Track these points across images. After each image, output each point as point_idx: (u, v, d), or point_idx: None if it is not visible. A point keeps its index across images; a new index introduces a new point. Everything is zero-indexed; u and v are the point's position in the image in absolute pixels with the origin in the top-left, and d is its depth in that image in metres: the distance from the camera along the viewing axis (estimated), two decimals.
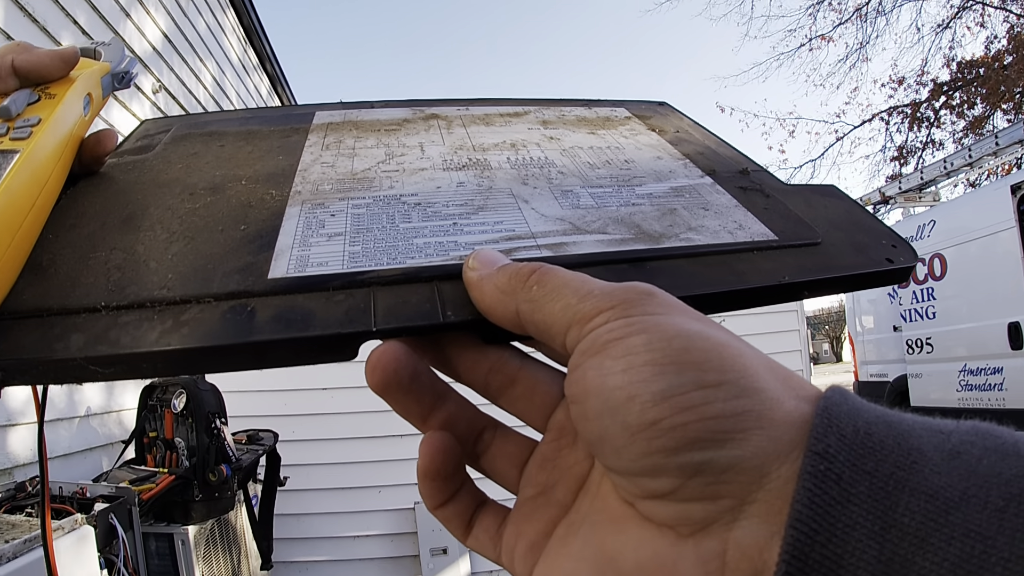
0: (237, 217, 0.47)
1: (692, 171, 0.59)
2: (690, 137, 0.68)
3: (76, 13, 3.18)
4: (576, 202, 0.51)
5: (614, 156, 0.61)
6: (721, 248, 0.46)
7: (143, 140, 0.61)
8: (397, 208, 0.49)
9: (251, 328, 0.36)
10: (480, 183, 0.53)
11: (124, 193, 0.51)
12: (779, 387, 0.26)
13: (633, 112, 0.75)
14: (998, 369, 5.76)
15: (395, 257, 0.42)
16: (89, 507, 2.07)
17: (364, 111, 0.71)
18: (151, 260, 0.42)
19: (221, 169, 0.55)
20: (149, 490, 2.48)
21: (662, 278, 0.43)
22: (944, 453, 0.23)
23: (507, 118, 0.70)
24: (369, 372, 0.34)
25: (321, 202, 0.50)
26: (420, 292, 0.39)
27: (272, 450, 3.32)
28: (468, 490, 0.37)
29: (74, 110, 0.48)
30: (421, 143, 0.62)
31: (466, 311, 0.37)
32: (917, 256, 0.48)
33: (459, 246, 0.43)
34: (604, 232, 0.47)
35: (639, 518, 0.28)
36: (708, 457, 0.25)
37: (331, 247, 0.43)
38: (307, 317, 0.37)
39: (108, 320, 0.37)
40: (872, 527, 0.22)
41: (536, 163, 0.58)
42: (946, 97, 12.73)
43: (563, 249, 0.44)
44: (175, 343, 0.36)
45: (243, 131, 0.64)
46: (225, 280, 0.40)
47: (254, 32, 6.36)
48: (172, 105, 4.33)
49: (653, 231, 0.48)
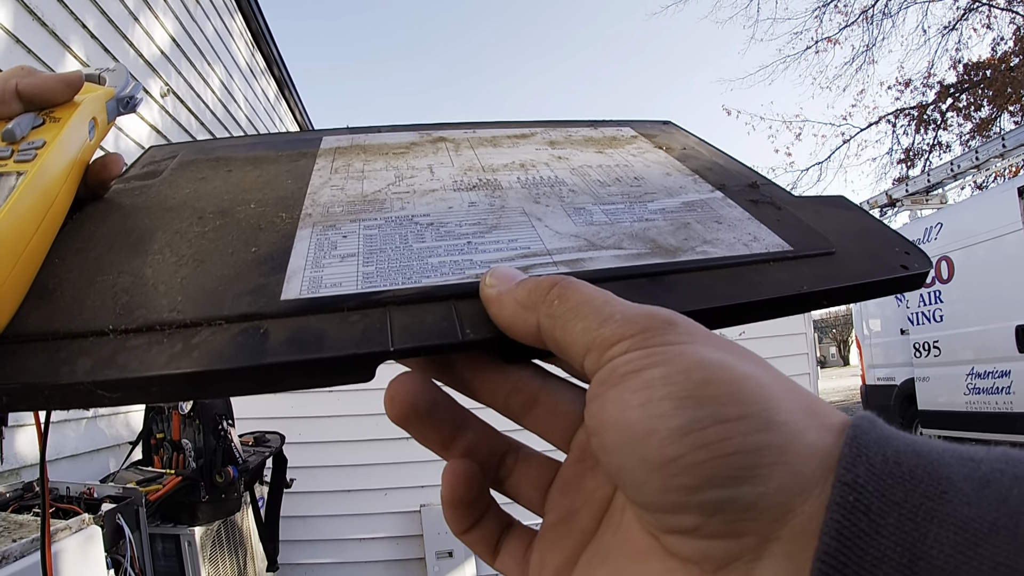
0: (248, 239, 0.46)
1: (702, 186, 0.59)
2: (697, 154, 0.68)
3: (85, 17, 3.20)
4: (589, 219, 0.51)
5: (624, 173, 0.61)
6: (738, 260, 0.46)
7: (149, 166, 0.61)
8: (410, 228, 0.48)
9: (264, 350, 0.36)
10: (492, 202, 0.53)
11: (131, 217, 0.50)
12: (803, 417, 0.26)
13: (639, 131, 0.75)
14: (1006, 372, 5.73)
15: (410, 276, 0.42)
16: (96, 507, 2.08)
17: (371, 135, 0.71)
18: (160, 283, 0.41)
19: (229, 193, 0.54)
20: (156, 491, 2.49)
21: (681, 291, 0.43)
22: (974, 482, 0.23)
23: (514, 139, 0.70)
24: (388, 404, 0.34)
25: (332, 224, 0.49)
26: (437, 311, 0.38)
27: (279, 452, 3.33)
28: (493, 514, 0.37)
29: (79, 134, 0.48)
30: (430, 165, 0.61)
31: (485, 329, 0.37)
32: (930, 262, 0.48)
33: (475, 264, 0.43)
34: (620, 247, 0.47)
35: (663, 552, 0.27)
36: (729, 495, 0.24)
37: (344, 268, 0.43)
38: (321, 338, 0.36)
39: (116, 344, 0.37)
40: (900, 559, 0.22)
41: (547, 182, 0.58)
42: (953, 99, 12.68)
43: (580, 265, 0.44)
44: (186, 366, 0.35)
45: (250, 156, 0.63)
46: (236, 302, 0.39)
47: (262, 36, 6.38)
48: (180, 109, 4.35)
49: (669, 245, 0.47)
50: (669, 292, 0.42)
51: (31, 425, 2.58)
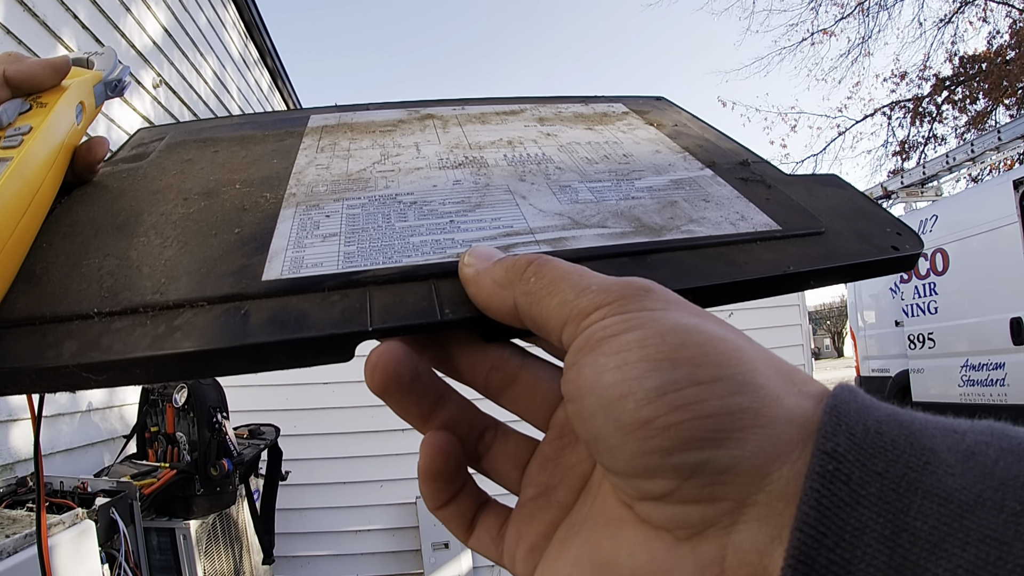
0: (231, 221, 0.47)
1: (692, 164, 0.58)
2: (688, 130, 0.67)
3: (77, 8, 3.17)
4: (575, 197, 0.51)
5: (612, 151, 0.61)
6: (724, 239, 0.46)
7: (137, 148, 0.61)
8: (393, 207, 0.48)
9: (246, 331, 0.36)
10: (477, 180, 0.53)
11: (118, 200, 0.51)
12: (780, 383, 0.25)
13: (631, 107, 0.74)
14: (1000, 364, 5.76)
15: (391, 256, 0.42)
16: (90, 502, 2.07)
17: (359, 113, 0.71)
18: (144, 265, 0.42)
19: (215, 174, 0.54)
20: (150, 485, 2.49)
21: (664, 271, 0.42)
22: (958, 454, 0.22)
23: (503, 116, 0.70)
24: (368, 372, 0.34)
25: (316, 203, 0.49)
26: (417, 291, 0.39)
27: (274, 444, 3.33)
28: (470, 490, 0.36)
29: (66, 119, 0.49)
30: (416, 143, 0.61)
31: (464, 308, 0.37)
32: (922, 243, 0.47)
33: (456, 243, 0.43)
34: (604, 226, 0.46)
35: (636, 521, 0.27)
36: (704, 457, 0.24)
37: (326, 248, 0.43)
38: (302, 318, 0.37)
39: (101, 326, 0.37)
40: (883, 531, 0.21)
41: (533, 159, 0.58)
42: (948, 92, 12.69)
43: (562, 244, 0.44)
44: (168, 348, 0.35)
45: (237, 136, 0.64)
46: (219, 283, 0.39)
47: (255, 27, 6.34)
48: (173, 100, 4.32)
49: (654, 224, 0.47)
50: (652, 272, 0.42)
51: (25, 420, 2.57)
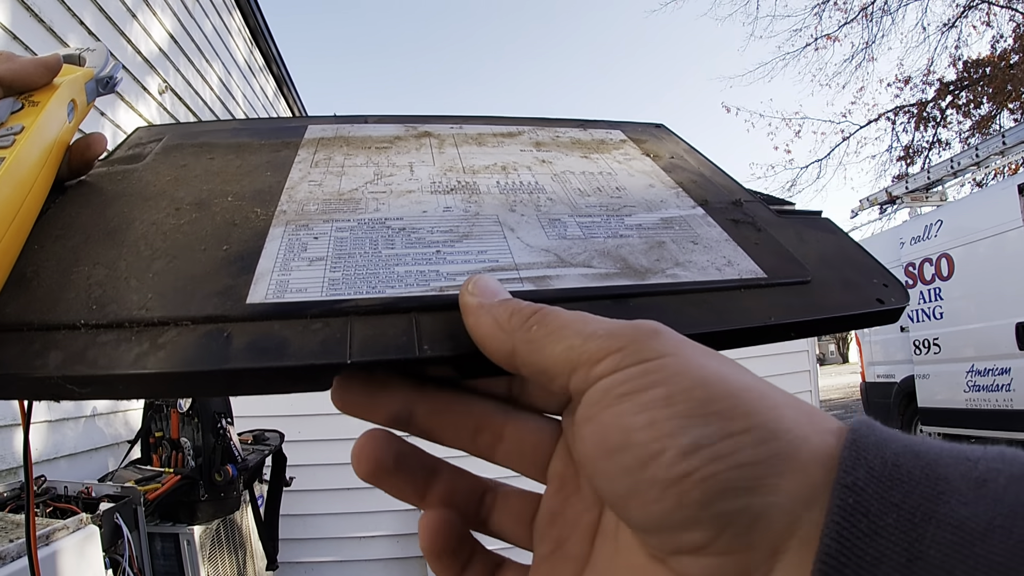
0: (220, 236, 0.47)
1: (684, 201, 0.58)
2: (685, 163, 0.67)
3: (83, 14, 3.19)
4: (563, 232, 0.51)
5: (605, 183, 0.61)
6: (708, 286, 0.45)
7: (135, 149, 0.61)
8: (381, 233, 0.48)
9: (227, 355, 0.36)
10: (467, 208, 0.53)
11: (111, 205, 0.51)
12: (805, 424, 0.26)
13: (629, 135, 0.74)
14: (1006, 370, 5.74)
15: (375, 286, 0.42)
16: (95, 507, 2.07)
17: (356, 126, 0.71)
18: (132, 278, 0.42)
19: (209, 183, 0.54)
20: (155, 490, 2.49)
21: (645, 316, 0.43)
22: (971, 482, 0.23)
23: (500, 138, 0.70)
24: (355, 463, 0.34)
25: (305, 223, 0.49)
26: (398, 323, 0.39)
27: (278, 450, 3.33)
28: (481, 557, 0.36)
29: (58, 117, 0.49)
30: (411, 163, 0.61)
31: (443, 346, 0.37)
32: (908, 296, 0.47)
33: (441, 276, 0.43)
34: (589, 265, 0.46)
35: (669, 574, 0.27)
36: (742, 505, 0.25)
37: (311, 272, 0.43)
38: (282, 346, 0.37)
39: (87, 338, 0.37)
40: (899, 559, 0.22)
41: (525, 188, 0.58)
42: (952, 96, 12.68)
43: (546, 283, 0.44)
44: (150, 367, 0.36)
45: (233, 143, 0.64)
46: (204, 303, 0.40)
47: (260, 34, 6.37)
48: (178, 106, 4.34)
49: (639, 265, 0.47)
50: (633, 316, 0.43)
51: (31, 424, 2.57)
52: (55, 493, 2.13)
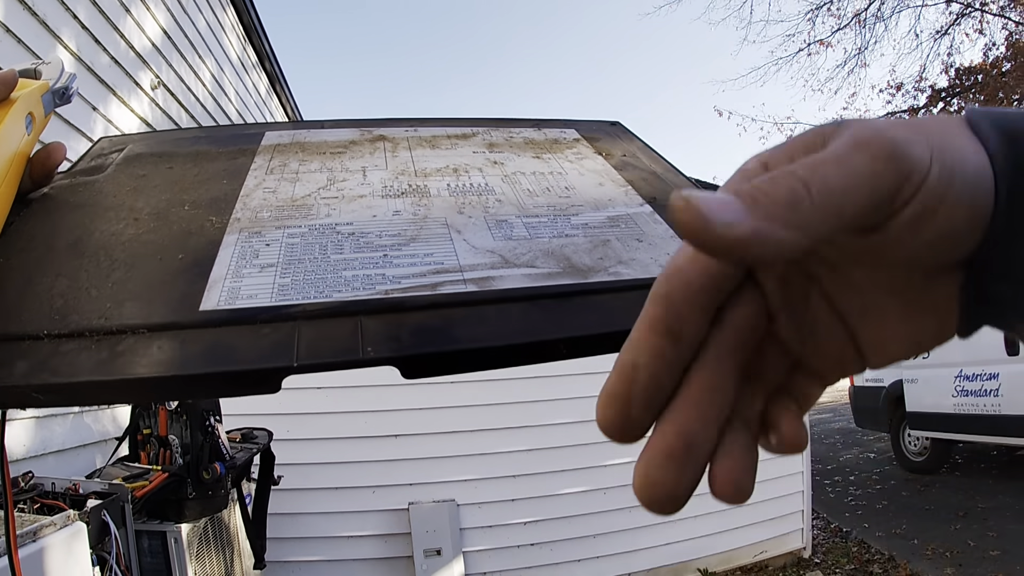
0: (177, 245, 0.48)
1: (632, 199, 0.59)
2: (637, 161, 0.68)
3: (77, 9, 3.17)
4: (509, 233, 0.51)
5: (555, 182, 0.61)
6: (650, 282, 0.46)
7: (97, 160, 0.62)
8: (330, 238, 0.50)
9: (181, 361, 0.38)
10: (416, 212, 0.54)
11: (73, 216, 0.52)
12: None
13: (583, 134, 0.75)
14: (994, 375, 5.77)
15: (322, 290, 0.43)
16: (82, 504, 2.06)
17: (312, 131, 0.72)
18: (92, 288, 0.43)
19: (167, 193, 0.56)
20: (142, 487, 2.47)
21: (586, 314, 0.43)
22: None
23: (454, 140, 0.70)
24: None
25: (258, 230, 0.50)
26: (343, 327, 0.40)
27: (266, 449, 3.31)
28: None
29: (15, 131, 0.50)
30: (364, 167, 0.62)
31: (386, 347, 0.39)
32: None
33: (387, 279, 0.44)
34: (532, 265, 0.47)
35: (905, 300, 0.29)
36: None
37: (262, 279, 0.45)
38: (233, 352, 0.39)
39: (50, 348, 0.39)
40: None
41: (475, 190, 0.59)
42: (944, 103, 12.76)
43: (489, 283, 0.45)
44: (110, 374, 0.37)
45: (192, 152, 0.65)
46: (160, 311, 0.41)
47: (253, 30, 6.34)
48: (171, 102, 4.32)
49: (582, 264, 0.48)
50: (575, 315, 0.43)
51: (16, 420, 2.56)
52: (43, 490, 2.12)
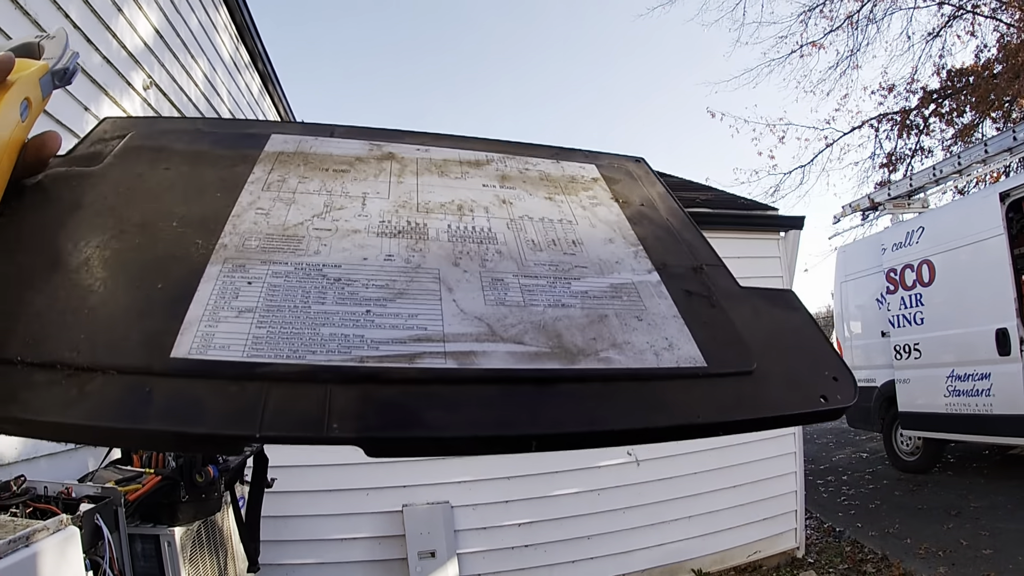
0: (159, 270, 0.48)
1: (641, 263, 0.56)
2: (654, 213, 0.65)
3: (68, 7, 3.15)
4: (503, 296, 0.50)
5: (563, 234, 0.59)
6: (640, 374, 0.44)
7: (97, 145, 0.61)
8: (315, 283, 0.48)
9: (145, 415, 0.38)
10: (409, 259, 0.52)
11: (62, 219, 0.51)
12: None
13: (603, 172, 0.71)
14: (986, 375, 5.80)
15: (296, 349, 0.42)
16: (75, 507, 2.04)
17: (320, 140, 0.69)
18: (68, 312, 0.43)
19: (159, 202, 0.55)
20: (135, 491, 2.45)
21: (567, 407, 0.42)
22: None
23: (465, 167, 0.68)
24: None
25: (242, 263, 0.49)
26: (312, 395, 0.40)
27: (259, 452, 3.29)
28: None
29: (10, 117, 0.49)
30: (365, 193, 0.60)
31: (351, 425, 0.38)
32: (856, 394, 0.46)
33: (364, 343, 0.43)
34: (520, 342, 0.45)
35: None
36: None
37: (238, 326, 0.44)
38: (198, 410, 0.38)
39: (22, 376, 0.38)
40: None
41: (476, 237, 0.56)
42: (936, 105, 12.82)
43: (470, 360, 0.43)
44: (75, 418, 0.37)
45: (191, 151, 0.63)
46: (131, 352, 0.41)
47: (246, 30, 6.32)
48: (163, 102, 4.29)
49: (573, 345, 0.46)
50: (554, 408, 0.41)
51: None
52: (35, 493, 2.10)
